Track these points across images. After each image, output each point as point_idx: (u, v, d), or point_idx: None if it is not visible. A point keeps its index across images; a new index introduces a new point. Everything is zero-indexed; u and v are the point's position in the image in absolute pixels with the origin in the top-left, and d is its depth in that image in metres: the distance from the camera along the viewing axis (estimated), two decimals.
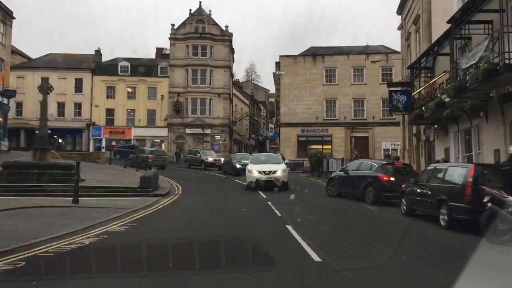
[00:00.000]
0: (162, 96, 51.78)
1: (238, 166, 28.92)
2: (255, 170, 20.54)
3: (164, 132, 51.74)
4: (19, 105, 49.86)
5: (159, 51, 58.90)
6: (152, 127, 51.87)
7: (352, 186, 17.33)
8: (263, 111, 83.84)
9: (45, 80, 36.05)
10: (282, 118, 43.02)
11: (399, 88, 22.08)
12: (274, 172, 20.30)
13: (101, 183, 19.56)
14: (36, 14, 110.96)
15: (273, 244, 8.81)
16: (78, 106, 51.83)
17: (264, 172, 20.31)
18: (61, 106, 51.38)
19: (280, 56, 43.71)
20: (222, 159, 36.71)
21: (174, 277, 6.41)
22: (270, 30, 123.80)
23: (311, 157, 32.02)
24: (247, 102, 67.71)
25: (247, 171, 21.22)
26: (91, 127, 51.35)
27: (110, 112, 51.97)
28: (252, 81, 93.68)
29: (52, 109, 50.68)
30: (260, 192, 19.08)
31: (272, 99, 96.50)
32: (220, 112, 52.29)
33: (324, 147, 42.07)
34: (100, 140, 51.58)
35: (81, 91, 51.80)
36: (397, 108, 21.51)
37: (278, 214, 13.07)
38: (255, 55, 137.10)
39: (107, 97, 52.08)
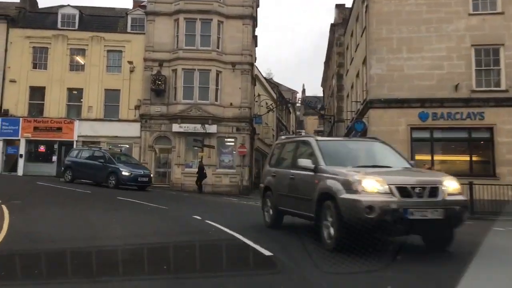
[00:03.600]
0: (132, 65, 28.86)
1: None
2: None
3: (134, 129, 28.61)
4: None
5: (137, 4, 36.31)
6: (112, 121, 28.79)
7: None
8: (292, 116, 60.64)
9: None
10: (374, 90, 19.49)
11: None
12: None
13: None
14: None
15: None
16: None
17: None
18: None
19: None
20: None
21: None
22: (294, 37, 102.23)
23: None
24: (274, 95, 44.55)
25: None
26: (0, 119, 28.31)
27: (37, 93, 29.00)
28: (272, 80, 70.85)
29: None
30: None
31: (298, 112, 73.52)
32: (235, 96, 29.22)
33: (475, 155, 18.75)
34: (17, 142, 28.42)
35: None
36: None
37: None
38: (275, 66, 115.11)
39: (34, 66, 29.17)
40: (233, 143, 29.51)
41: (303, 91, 75.93)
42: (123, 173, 20.97)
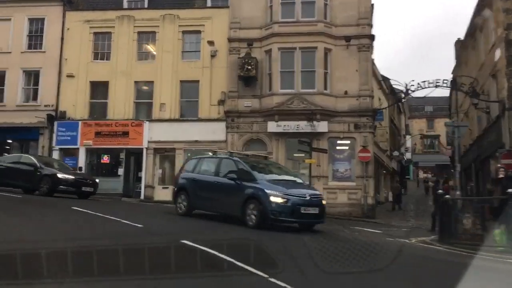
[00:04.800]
0: (213, 47, 22.09)
1: None
2: None
3: (217, 131, 21.73)
4: None
5: None
6: (190, 121, 22.16)
7: None
8: (402, 117, 51.18)
9: None
10: None
11: None
12: None
13: None
14: None
15: None
16: (31, 78, 23.74)
17: None
18: None
19: None
20: None
21: None
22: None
23: None
24: (386, 90, 35.94)
25: None
26: (56, 123, 22.76)
27: (99, 90, 23.23)
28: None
29: None
30: None
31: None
32: (350, 82, 21.40)
33: None
34: (76, 151, 22.65)
35: (40, 46, 23.79)
36: None
37: None
38: None
39: (95, 56, 23.46)
40: (347, 147, 21.62)
41: (406, 90, 65.50)
42: (272, 198, 10.97)
